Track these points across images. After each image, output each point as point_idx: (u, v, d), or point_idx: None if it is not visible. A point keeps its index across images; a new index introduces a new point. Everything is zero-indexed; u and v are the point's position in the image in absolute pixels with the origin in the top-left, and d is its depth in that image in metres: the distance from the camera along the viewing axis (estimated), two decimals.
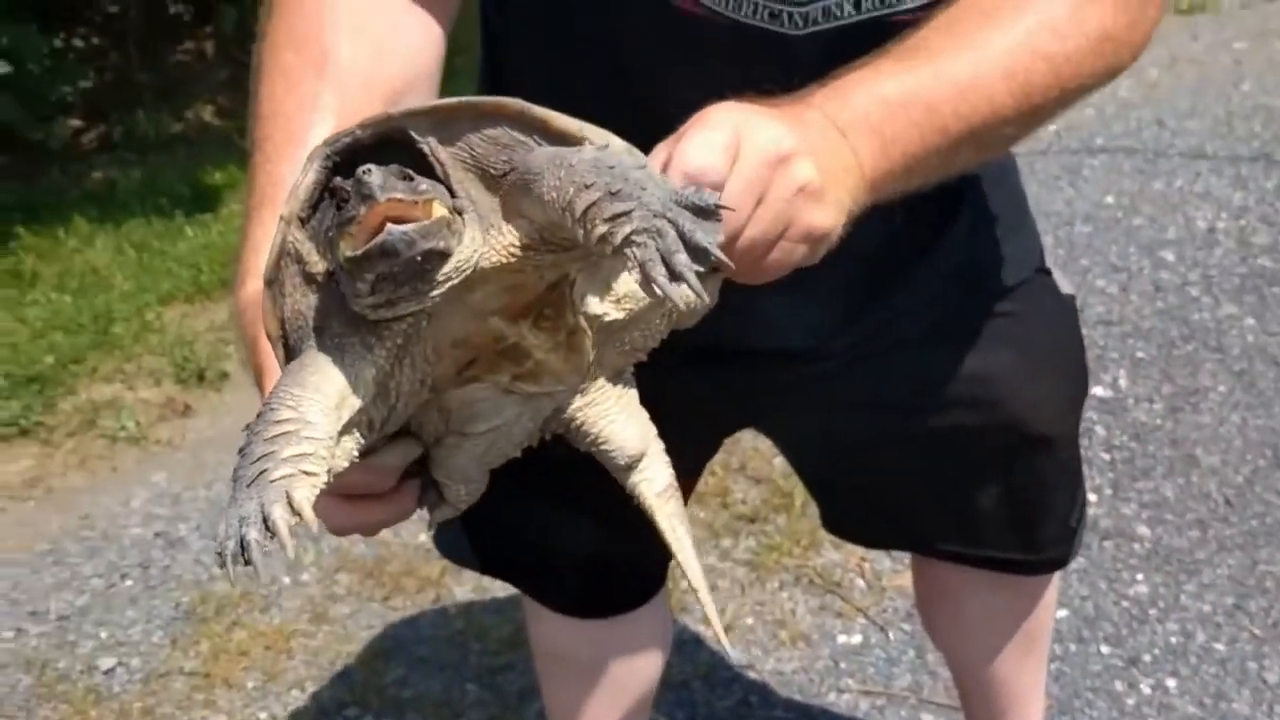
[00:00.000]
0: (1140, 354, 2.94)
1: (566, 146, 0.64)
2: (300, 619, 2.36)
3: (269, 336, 0.69)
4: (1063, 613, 2.17)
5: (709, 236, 0.57)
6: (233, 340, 0.90)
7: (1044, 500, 1.21)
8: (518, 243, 0.65)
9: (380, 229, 0.60)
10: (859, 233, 0.77)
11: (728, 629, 2.23)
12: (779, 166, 0.71)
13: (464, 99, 0.67)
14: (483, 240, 0.65)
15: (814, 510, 2.24)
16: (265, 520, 0.59)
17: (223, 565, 0.60)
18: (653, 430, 0.81)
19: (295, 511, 0.60)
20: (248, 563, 0.60)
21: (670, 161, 0.67)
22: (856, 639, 2.19)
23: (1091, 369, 1.35)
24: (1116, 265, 3.33)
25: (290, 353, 0.69)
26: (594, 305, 0.72)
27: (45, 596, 2.50)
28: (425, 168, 0.66)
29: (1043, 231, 1.24)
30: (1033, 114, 0.87)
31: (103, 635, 2.38)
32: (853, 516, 1.31)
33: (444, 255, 0.63)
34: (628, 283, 0.72)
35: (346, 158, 0.67)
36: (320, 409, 0.64)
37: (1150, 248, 3.40)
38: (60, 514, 2.76)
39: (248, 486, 0.61)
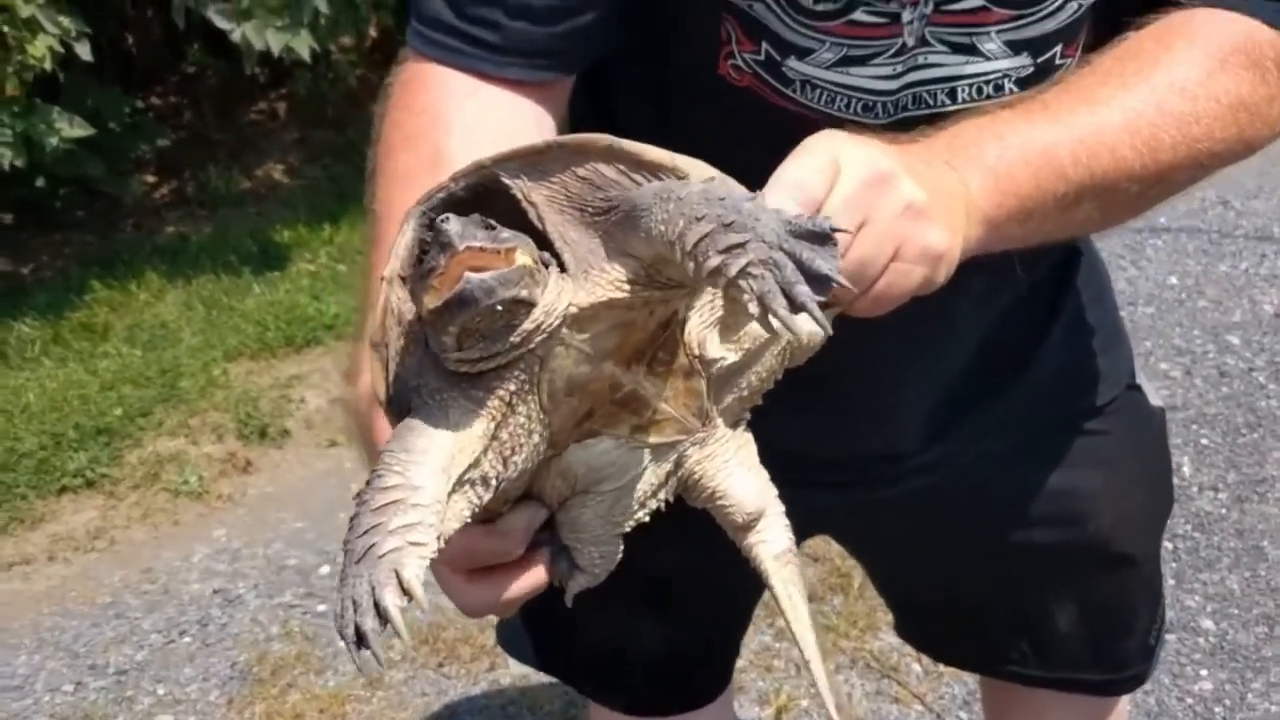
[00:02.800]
0: (1205, 441, 2.90)
1: (664, 181, 0.64)
2: (355, 684, 2.37)
3: (379, 401, 0.68)
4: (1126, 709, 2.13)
5: (827, 263, 0.56)
6: (346, 432, 0.91)
7: (1124, 619, 1.19)
8: (623, 278, 0.64)
9: (460, 279, 0.60)
10: (952, 349, 0.77)
11: (781, 710, 2.21)
12: (880, 186, 0.70)
13: (551, 139, 0.67)
14: (576, 283, 0.64)
15: (872, 592, 2.22)
16: (377, 606, 0.59)
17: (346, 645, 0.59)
18: (773, 490, 0.78)
19: (405, 591, 0.60)
20: (364, 647, 0.59)
21: (768, 189, 0.67)
22: None
23: None
24: (1180, 348, 3.29)
25: (399, 415, 0.68)
26: (708, 347, 0.70)
27: (105, 650, 2.54)
28: (523, 216, 0.66)
29: None
30: (1160, 173, 0.85)
31: (160, 692, 2.41)
32: (928, 628, 1.30)
33: (528, 304, 0.62)
34: (741, 320, 0.71)
35: (443, 213, 0.66)
36: (428, 471, 0.63)
37: (1215, 331, 3.37)
38: (122, 567, 2.80)
39: (357, 563, 0.60)
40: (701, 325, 0.70)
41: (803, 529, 1.23)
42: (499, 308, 0.61)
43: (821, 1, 0.85)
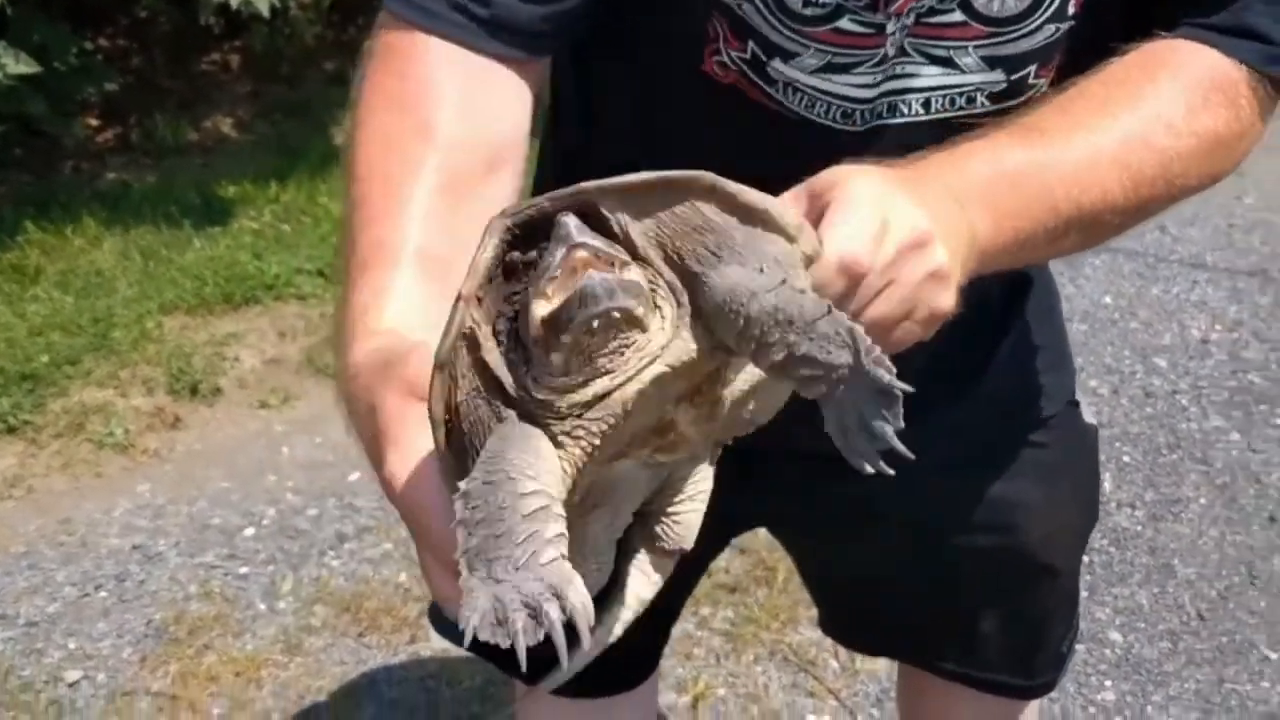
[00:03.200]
0: (1126, 459, 2.97)
1: (742, 231, 0.63)
2: (273, 648, 2.35)
3: (432, 418, 0.65)
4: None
5: (887, 425, 0.58)
6: (339, 402, 0.87)
7: (1044, 627, 1.23)
8: (709, 344, 0.63)
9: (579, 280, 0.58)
10: (903, 363, 0.79)
11: (699, 699, 2.24)
12: (916, 251, 0.73)
13: (658, 174, 0.65)
14: (672, 330, 0.62)
15: (796, 585, 2.25)
16: (559, 601, 0.56)
17: (508, 638, 0.55)
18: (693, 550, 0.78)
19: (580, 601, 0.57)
20: (539, 638, 0.56)
21: (823, 241, 0.69)
22: None
23: None
24: (1110, 367, 3.37)
25: (456, 438, 0.65)
26: (742, 380, 0.69)
27: (16, 600, 2.50)
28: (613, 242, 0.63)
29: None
30: (1139, 206, 0.88)
31: (71, 646, 2.38)
32: (855, 624, 1.33)
33: (640, 326, 0.60)
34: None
35: (525, 231, 0.64)
36: (555, 481, 0.61)
37: (1144, 352, 3.45)
38: (40, 516, 2.76)
39: (518, 569, 0.56)
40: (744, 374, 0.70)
41: (747, 520, 1.25)
42: (616, 314, 0.59)
43: (809, 6, 0.87)
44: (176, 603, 2.49)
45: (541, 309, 0.59)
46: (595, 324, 0.58)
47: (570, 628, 0.55)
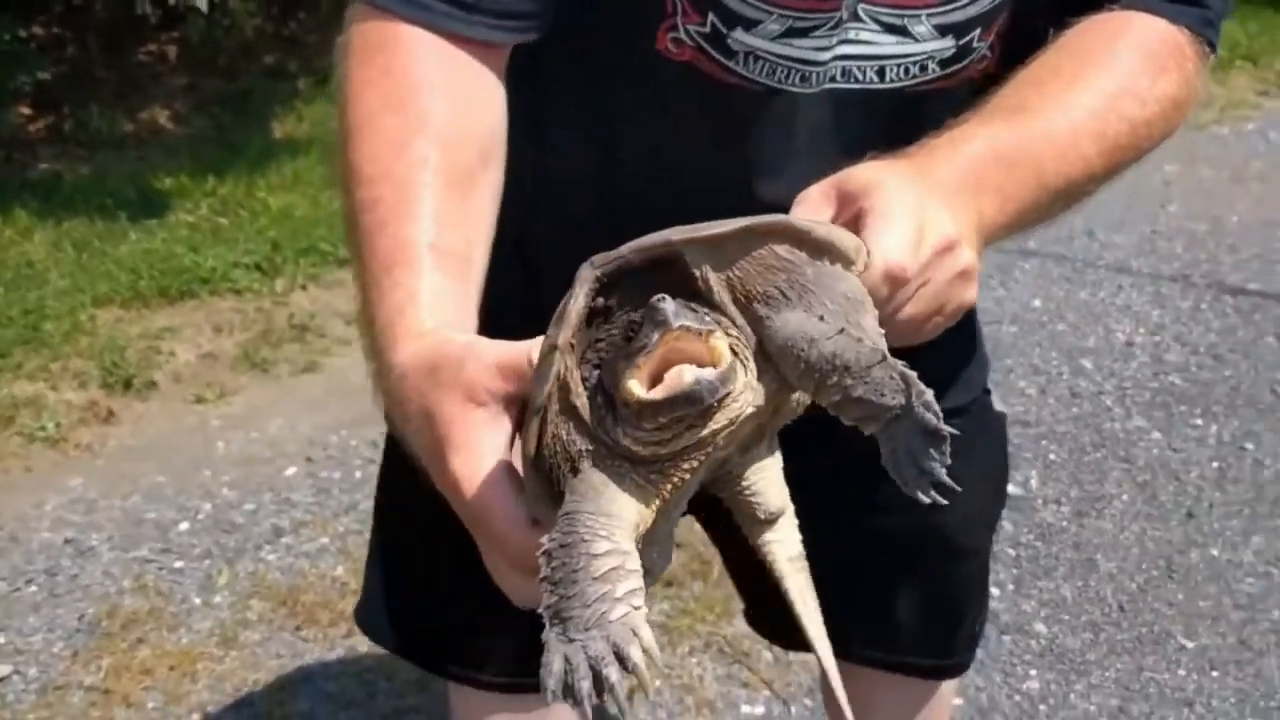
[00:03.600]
0: (1052, 456, 3.05)
1: (813, 268, 0.66)
2: (209, 642, 2.34)
3: (526, 461, 0.68)
4: (958, 702, 2.24)
5: (936, 463, 0.63)
6: (378, 401, 0.86)
7: (956, 609, 1.27)
8: (779, 383, 0.66)
9: (664, 368, 0.61)
10: None
11: (634, 690, 2.27)
12: (947, 253, 0.79)
13: (744, 222, 0.67)
14: (752, 380, 0.65)
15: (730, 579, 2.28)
16: (620, 660, 0.59)
17: (577, 704, 0.59)
18: (789, 497, 0.81)
19: (645, 651, 0.60)
20: (599, 695, 0.59)
21: (869, 250, 0.74)
22: (760, 710, 2.24)
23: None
24: (1038, 368, 3.46)
25: (547, 475, 0.68)
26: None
27: None
28: (693, 291, 0.66)
29: None
30: (1112, 170, 0.95)
31: (0, 640, 2.35)
32: (777, 615, 1.35)
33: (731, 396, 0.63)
34: None
35: (612, 279, 0.67)
36: (628, 537, 0.63)
37: (1071, 354, 3.54)
38: None
39: (587, 630, 0.60)
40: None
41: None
42: (715, 405, 0.62)
43: None
44: (109, 597, 2.46)
45: (638, 390, 0.61)
46: (692, 414, 0.62)
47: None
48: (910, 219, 0.77)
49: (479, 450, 0.70)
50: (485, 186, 0.88)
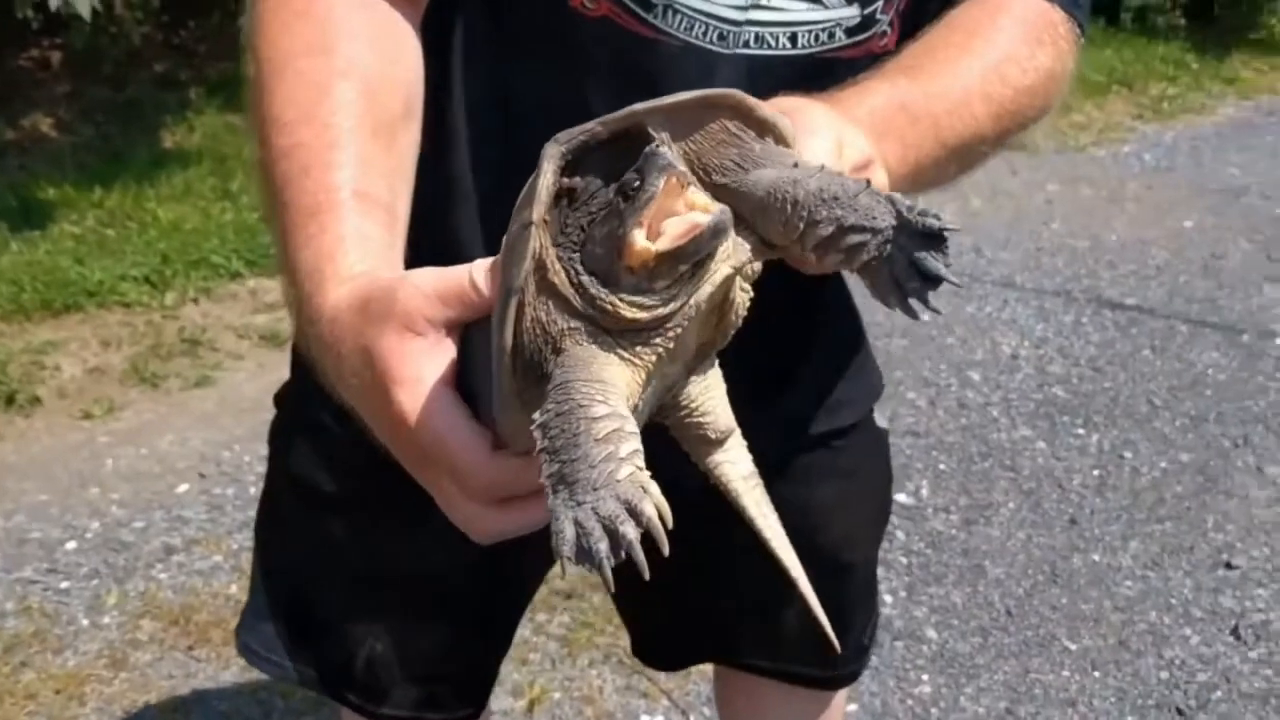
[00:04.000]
0: (942, 466, 3.14)
1: (777, 172, 0.66)
2: (97, 664, 2.28)
3: (499, 345, 0.65)
4: (852, 707, 2.29)
5: (938, 263, 0.62)
6: (305, 347, 0.81)
7: (844, 620, 1.28)
8: (757, 244, 0.66)
9: (658, 223, 0.60)
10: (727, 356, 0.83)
11: (534, 703, 2.27)
12: (864, 170, 0.81)
13: (699, 92, 0.68)
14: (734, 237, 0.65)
15: None
16: (635, 516, 0.57)
17: (591, 566, 0.57)
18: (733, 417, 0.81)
19: (656, 506, 0.59)
20: (620, 559, 0.57)
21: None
22: None
23: (897, 477, 1.46)
24: (927, 380, 3.55)
25: (527, 363, 0.66)
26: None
27: None
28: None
29: None
30: (999, 136, 1.00)
31: None
32: (665, 637, 1.35)
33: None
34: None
35: (577, 157, 0.66)
36: (624, 402, 0.62)
37: (959, 367, 3.65)
38: None
39: (596, 489, 0.58)
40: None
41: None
42: (725, 241, 0.62)
43: None
44: None
45: (648, 244, 0.61)
46: (700, 259, 0.61)
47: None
48: (831, 134, 0.79)
49: (424, 380, 0.67)
50: (407, 140, 0.85)
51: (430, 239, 0.99)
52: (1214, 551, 2.86)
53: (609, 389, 0.62)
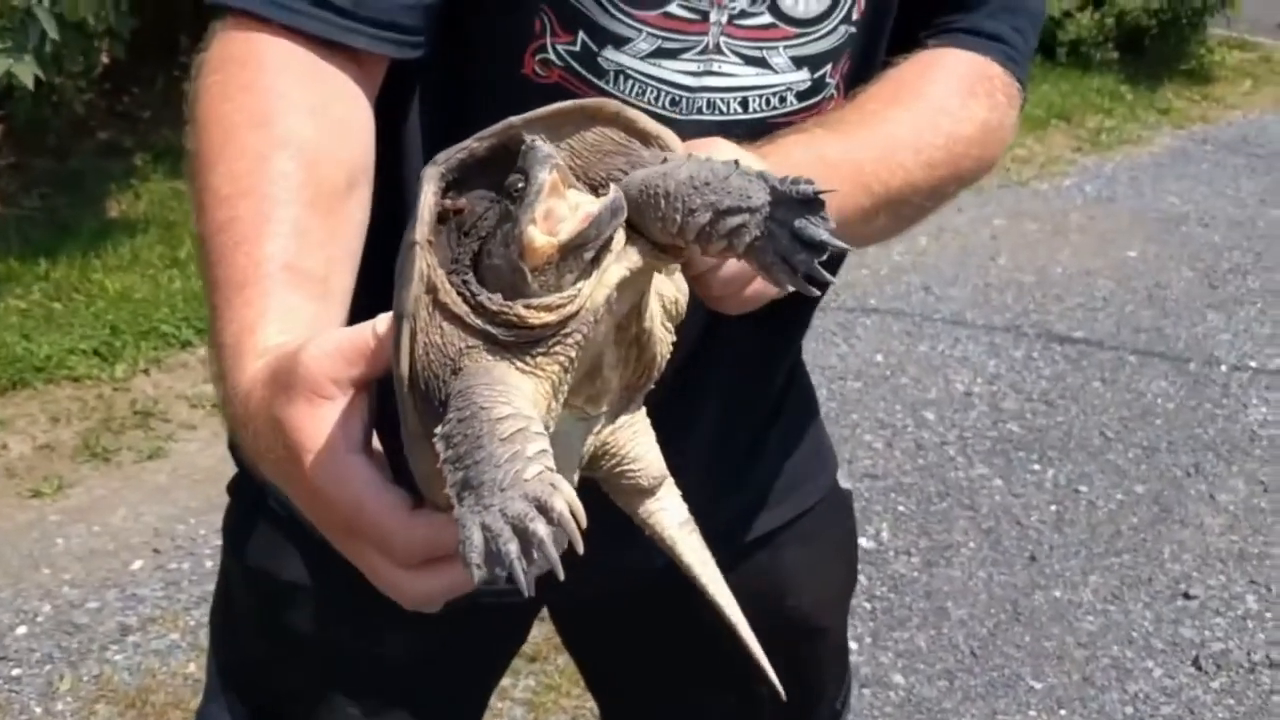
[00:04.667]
0: (901, 508, 3.16)
1: (645, 171, 0.65)
2: None
3: (399, 375, 0.63)
4: None
5: (820, 229, 0.60)
6: (230, 428, 0.76)
7: (817, 686, 1.29)
8: (648, 248, 0.65)
9: (551, 223, 0.59)
10: (693, 444, 0.82)
11: None
12: None
13: (574, 102, 0.67)
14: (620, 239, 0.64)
15: None
16: (544, 513, 0.55)
17: (504, 574, 0.54)
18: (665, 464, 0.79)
19: (567, 502, 0.56)
20: (532, 559, 0.54)
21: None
22: None
23: (857, 521, 1.46)
24: (883, 421, 3.58)
25: (421, 390, 0.63)
26: (653, 308, 0.70)
27: None
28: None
29: (816, 385, 1.33)
30: (934, 187, 1.01)
31: None
32: (638, 712, 1.35)
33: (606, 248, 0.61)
34: (664, 282, 0.72)
35: (458, 176, 0.65)
36: (528, 403, 0.60)
37: (914, 407, 3.68)
38: None
39: (503, 490, 0.55)
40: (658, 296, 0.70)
41: (537, 604, 1.26)
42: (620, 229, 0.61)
43: None
44: None
45: (546, 238, 0.60)
46: (602, 244, 0.61)
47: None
48: (727, 153, 0.78)
49: (334, 446, 0.65)
50: (351, 211, 0.84)
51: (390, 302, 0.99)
52: (1172, 582, 2.89)
53: (512, 390, 0.60)
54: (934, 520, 3.11)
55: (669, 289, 0.72)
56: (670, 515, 0.79)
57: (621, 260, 0.63)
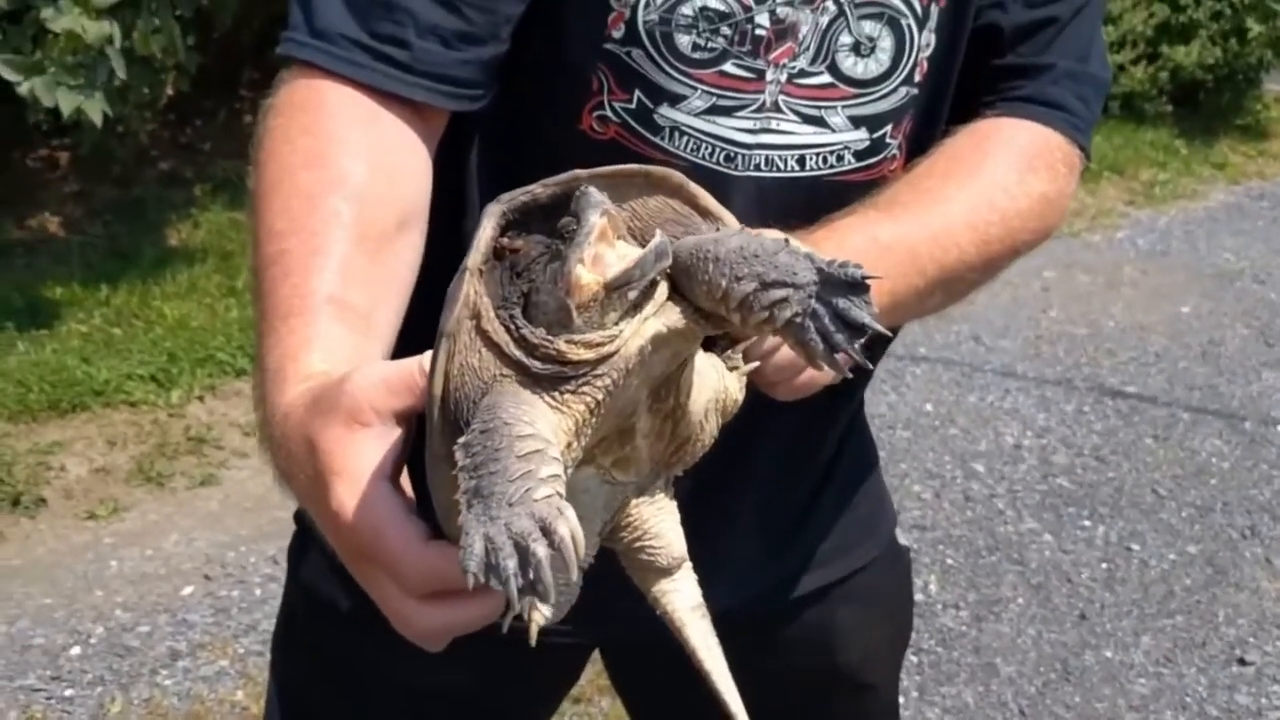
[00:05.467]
0: (950, 561, 3.13)
1: (697, 237, 0.67)
2: None
3: (432, 393, 0.64)
4: None
5: (863, 311, 0.62)
6: (266, 451, 0.76)
7: None
8: (690, 310, 0.66)
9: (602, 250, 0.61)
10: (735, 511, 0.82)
11: None
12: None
13: (640, 165, 0.69)
14: (663, 296, 0.66)
15: None
16: (548, 535, 0.56)
17: (499, 583, 0.55)
18: (686, 546, 0.79)
19: (570, 530, 0.57)
20: (529, 579, 0.55)
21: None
22: None
23: None
24: (932, 472, 3.55)
25: (452, 410, 0.65)
26: (694, 391, 0.71)
27: None
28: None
29: None
30: (989, 262, 1.01)
31: None
32: None
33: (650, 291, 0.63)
34: (715, 371, 0.74)
35: (519, 218, 0.67)
36: (550, 429, 0.61)
37: (963, 458, 3.65)
38: None
39: (511, 505, 0.57)
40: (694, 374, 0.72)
41: (590, 647, 1.26)
42: (665, 273, 0.63)
43: (698, 50, 0.94)
44: None
45: (594, 275, 0.62)
46: (644, 287, 0.63)
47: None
48: (782, 236, 0.80)
49: (363, 471, 0.66)
50: (400, 253, 0.86)
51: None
52: (1226, 647, 2.84)
53: (537, 414, 0.61)
54: (983, 574, 3.08)
55: (732, 385, 0.74)
56: (683, 598, 0.79)
57: (660, 315, 0.65)
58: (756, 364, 0.77)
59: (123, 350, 3.78)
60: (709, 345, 0.74)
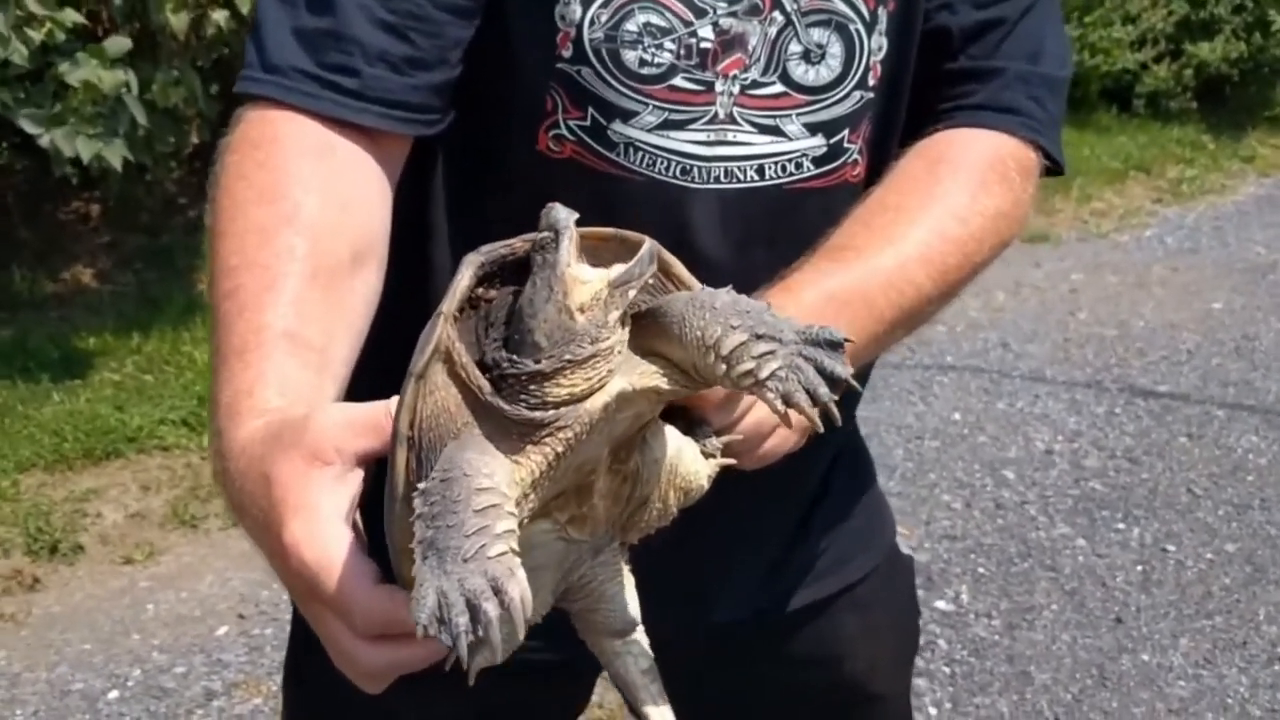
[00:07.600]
0: (981, 569, 3.10)
1: (692, 291, 0.71)
2: None
3: (400, 433, 0.65)
4: None
5: (841, 367, 0.66)
6: (219, 485, 0.77)
7: None
8: (659, 370, 0.68)
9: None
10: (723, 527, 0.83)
11: None
12: None
13: (615, 229, 0.70)
14: (629, 353, 0.68)
15: None
16: (499, 595, 0.58)
17: (449, 637, 0.57)
18: (639, 611, 0.82)
19: (520, 592, 0.58)
20: (478, 636, 0.57)
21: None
22: None
23: (935, 582, 1.45)
24: (961, 481, 3.53)
25: (420, 451, 0.66)
26: (656, 451, 0.74)
27: None
28: None
29: (894, 445, 1.35)
30: (948, 290, 1.01)
31: None
32: None
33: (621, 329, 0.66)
34: (687, 452, 0.76)
35: (495, 270, 0.69)
36: (508, 485, 0.63)
37: (993, 465, 3.62)
38: None
39: (465, 561, 0.58)
40: (657, 437, 0.74)
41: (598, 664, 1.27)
42: (651, 283, 0.66)
43: (645, 65, 0.95)
44: None
45: (593, 274, 0.65)
46: (646, 282, 0.66)
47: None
48: None
49: (319, 509, 0.66)
50: (356, 287, 0.86)
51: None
52: (1268, 645, 2.79)
53: (497, 466, 0.63)
54: (1015, 582, 3.05)
55: (702, 471, 0.76)
56: (635, 660, 0.81)
57: (626, 373, 0.67)
58: (732, 461, 0.80)
59: (155, 396, 3.84)
60: (689, 430, 0.77)
